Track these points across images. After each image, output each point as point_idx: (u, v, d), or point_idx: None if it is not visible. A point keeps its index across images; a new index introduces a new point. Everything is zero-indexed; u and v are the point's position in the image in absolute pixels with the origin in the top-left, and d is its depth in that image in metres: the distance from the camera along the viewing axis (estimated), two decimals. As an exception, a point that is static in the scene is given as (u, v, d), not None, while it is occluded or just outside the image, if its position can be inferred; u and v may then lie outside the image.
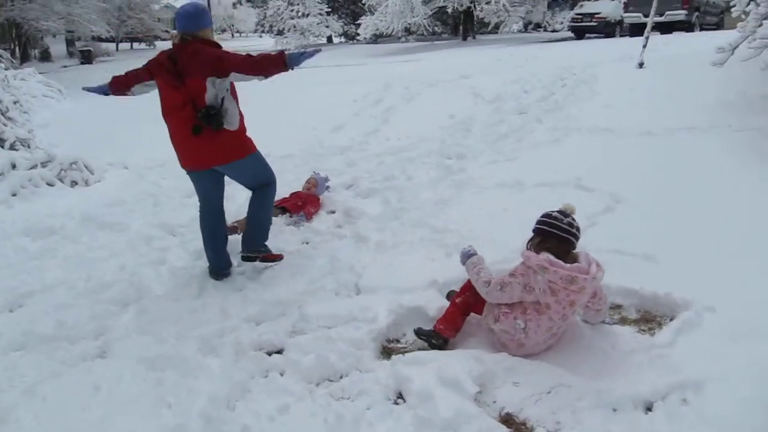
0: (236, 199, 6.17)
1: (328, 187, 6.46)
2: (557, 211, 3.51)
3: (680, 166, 5.82)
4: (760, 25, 6.89)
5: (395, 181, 6.53)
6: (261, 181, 4.63)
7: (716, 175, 5.51)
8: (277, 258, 4.77)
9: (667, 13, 19.84)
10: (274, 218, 5.76)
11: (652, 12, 10.84)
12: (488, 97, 9.65)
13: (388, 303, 3.96)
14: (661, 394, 3.02)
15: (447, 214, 5.48)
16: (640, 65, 9.90)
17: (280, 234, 5.57)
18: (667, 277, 3.96)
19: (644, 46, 10.05)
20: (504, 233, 4.78)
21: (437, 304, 3.88)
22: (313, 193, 6.29)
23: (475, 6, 25.87)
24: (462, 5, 25.65)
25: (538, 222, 3.57)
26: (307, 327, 3.90)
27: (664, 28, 19.77)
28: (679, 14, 20.25)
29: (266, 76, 4.13)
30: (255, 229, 4.71)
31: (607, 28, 24.27)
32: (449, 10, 26.80)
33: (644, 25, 21.84)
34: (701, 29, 21.17)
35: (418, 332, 3.66)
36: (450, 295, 4.06)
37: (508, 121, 8.52)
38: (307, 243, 5.45)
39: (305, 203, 6.09)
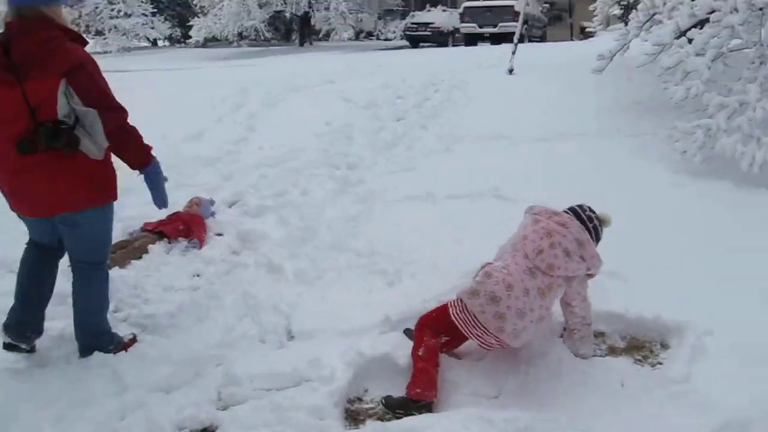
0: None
1: (213, 213, 5.46)
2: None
3: (597, 173, 5.62)
4: (638, 33, 6.96)
5: (289, 197, 5.70)
6: (97, 255, 3.27)
7: (636, 182, 5.36)
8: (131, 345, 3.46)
9: (501, 24, 20.67)
10: (150, 246, 4.73)
11: (520, 21, 11.00)
12: (361, 103, 9.06)
13: (342, 352, 3.18)
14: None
15: (364, 234, 4.78)
16: (510, 71, 9.87)
17: (163, 266, 4.53)
18: (641, 297, 3.59)
19: (513, 53, 10.05)
20: (444, 255, 4.18)
21: (405, 350, 3.16)
22: (196, 213, 5.27)
23: (313, 12, 25.28)
24: (299, 11, 24.93)
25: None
26: (240, 392, 3.02)
27: (497, 38, 20.56)
28: (511, 26, 21.13)
29: (120, 148, 3.04)
30: (86, 327, 3.31)
31: (440, 38, 24.83)
32: (287, 15, 25.96)
33: (478, 35, 23.04)
34: (529, 41, 22.30)
35: (391, 405, 2.89)
36: (407, 334, 3.37)
37: (390, 128, 7.98)
38: (198, 276, 4.47)
39: (189, 226, 5.06)
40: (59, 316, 3.54)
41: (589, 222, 3.23)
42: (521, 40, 22.59)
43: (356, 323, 3.48)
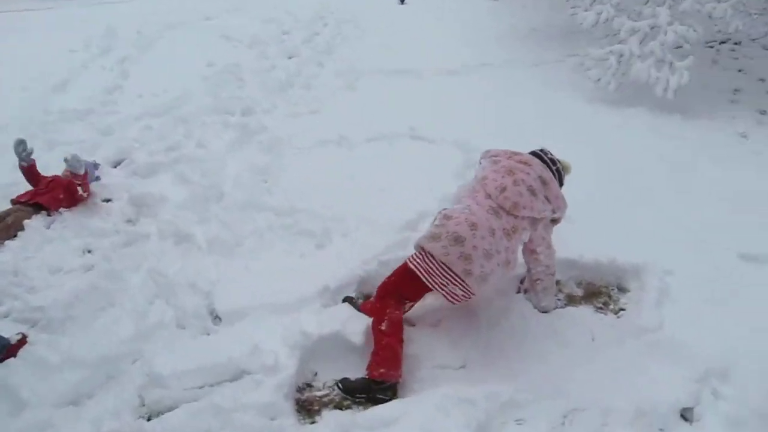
0: None
1: (98, 177, 4.72)
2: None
3: (516, 105, 5.37)
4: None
5: (183, 150, 5.05)
6: None
7: (555, 115, 5.18)
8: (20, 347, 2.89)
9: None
10: (26, 221, 4.02)
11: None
12: (245, 41, 8.30)
13: (282, 334, 2.77)
14: (694, 394, 2.40)
15: (279, 188, 4.29)
16: (402, 1, 9.38)
17: (46, 245, 3.86)
18: (590, 239, 3.38)
19: (403, -20, 9.54)
20: (374, 207, 3.80)
21: (356, 323, 2.79)
22: (78, 173, 4.53)
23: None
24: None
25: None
26: (168, 395, 2.54)
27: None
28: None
29: None
30: None
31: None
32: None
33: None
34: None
35: (350, 389, 2.54)
36: (349, 302, 3.01)
37: (281, 66, 7.35)
38: (90, 252, 3.84)
39: (67, 192, 4.33)
40: None
41: (552, 165, 2.95)
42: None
43: (291, 296, 3.06)
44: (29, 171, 4.51)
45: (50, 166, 4.99)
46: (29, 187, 4.45)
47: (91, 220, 4.17)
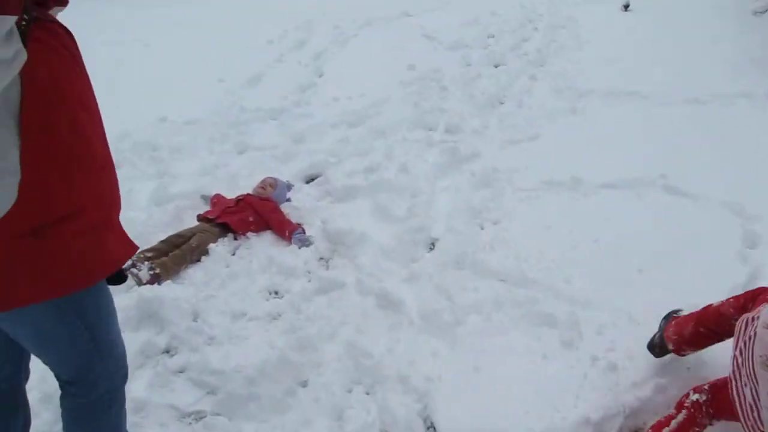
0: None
1: (288, 199, 4.19)
2: None
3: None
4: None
5: (384, 173, 4.38)
6: (85, 370, 1.88)
7: None
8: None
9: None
10: (211, 246, 3.54)
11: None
12: (447, 42, 7.56)
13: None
14: None
15: (503, 243, 3.48)
16: (626, 7, 8.19)
17: (230, 281, 3.33)
18: None
19: (630, -17, 8.32)
20: (633, 294, 2.88)
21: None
22: (268, 197, 4.02)
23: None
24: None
25: None
26: None
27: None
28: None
29: None
30: None
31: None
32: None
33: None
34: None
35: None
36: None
37: (487, 75, 6.51)
38: (276, 294, 3.28)
39: (260, 216, 3.83)
40: None
41: None
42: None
43: (539, 423, 2.22)
44: (218, 199, 4.08)
45: (239, 174, 4.55)
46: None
47: (279, 252, 3.61)
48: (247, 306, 3.19)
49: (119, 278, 1.92)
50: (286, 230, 3.74)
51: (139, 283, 3.34)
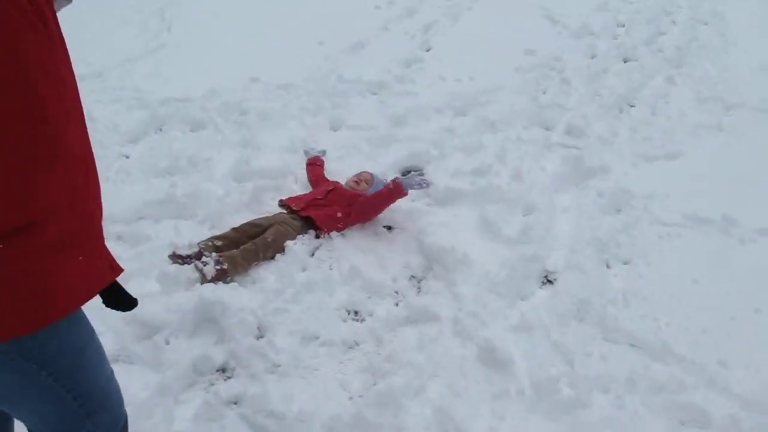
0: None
1: (383, 195, 3.67)
2: None
3: None
4: None
5: (494, 179, 3.77)
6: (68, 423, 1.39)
7: None
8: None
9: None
10: (289, 243, 3.06)
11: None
12: (572, 28, 6.76)
13: None
14: None
15: (640, 299, 2.82)
16: (785, 7, 7.14)
17: (306, 292, 2.85)
18: None
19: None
20: None
21: None
22: (361, 193, 3.51)
23: None
24: None
25: None
26: None
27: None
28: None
29: None
30: None
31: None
32: None
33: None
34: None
35: None
36: None
37: (615, 71, 5.74)
38: (356, 316, 2.77)
39: (348, 213, 3.33)
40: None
41: None
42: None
43: None
44: (313, 169, 3.60)
45: (329, 156, 4.04)
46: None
47: (366, 262, 3.09)
48: (321, 327, 2.69)
49: (126, 302, 1.42)
50: (386, 187, 3.25)
51: (203, 279, 2.90)
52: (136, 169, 4.06)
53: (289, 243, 3.14)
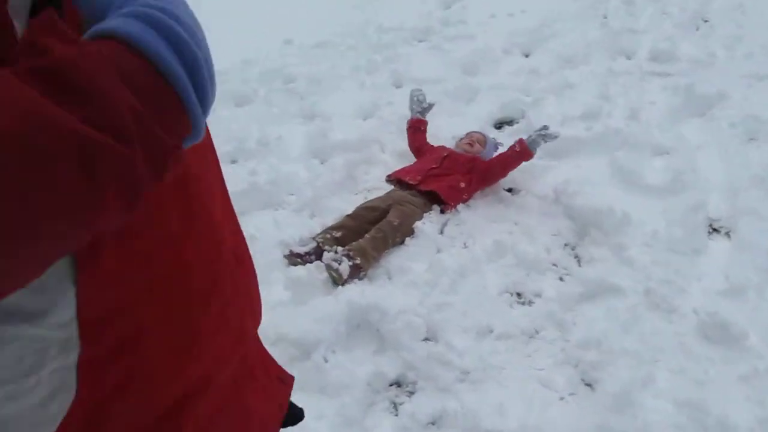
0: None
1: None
2: None
3: None
4: None
5: (607, 120, 3.40)
6: None
7: None
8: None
9: None
10: (418, 224, 2.71)
11: None
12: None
13: None
14: None
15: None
16: None
17: (460, 279, 2.49)
18: None
19: None
20: None
21: None
22: (476, 156, 3.13)
23: None
24: None
25: None
26: None
27: None
28: None
29: None
30: None
31: None
32: None
33: None
34: None
35: None
36: None
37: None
38: (519, 298, 2.44)
39: (472, 180, 2.96)
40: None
41: None
42: None
43: None
44: (416, 134, 3.20)
45: (438, 121, 3.63)
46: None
47: (506, 233, 2.74)
48: (490, 317, 2.36)
49: (292, 416, 1.05)
50: (511, 150, 2.88)
51: (339, 280, 2.54)
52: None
53: (417, 224, 2.78)
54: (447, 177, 2.95)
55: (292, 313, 2.43)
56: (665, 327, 2.19)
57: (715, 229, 2.69)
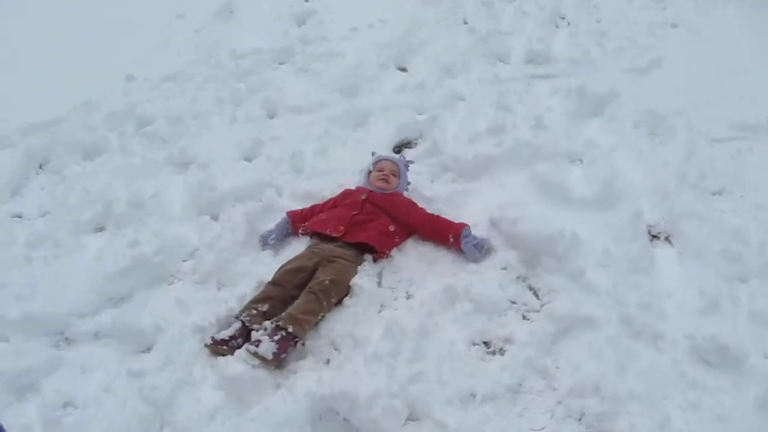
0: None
1: (409, 183, 2.98)
2: None
3: None
4: None
5: (513, 132, 3.24)
6: None
7: None
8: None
9: None
10: (355, 282, 2.38)
11: None
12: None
13: None
14: None
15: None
16: None
17: (424, 341, 2.20)
18: None
19: None
20: None
21: None
22: (398, 192, 2.83)
23: None
24: None
25: None
26: None
27: None
28: None
29: None
30: None
31: None
32: None
33: None
34: None
35: None
36: None
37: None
38: (487, 348, 2.22)
39: (398, 221, 2.66)
40: None
41: None
42: None
43: None
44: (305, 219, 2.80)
45: (301, 150, 3.28)
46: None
47: (452, 277, 2.48)
48: (468, 378, 2.08)
49: None
50: (449, 234, 2.57)
51: (267, 364, 2.12)
52: (50, 231, 3.00)
53: (355, 282, 2.42)
54: (373, 223, 2.62)
55: (237, 422, 1.99)
56: (658, 358, 2.03)
57: (654, 236, 2.61)
